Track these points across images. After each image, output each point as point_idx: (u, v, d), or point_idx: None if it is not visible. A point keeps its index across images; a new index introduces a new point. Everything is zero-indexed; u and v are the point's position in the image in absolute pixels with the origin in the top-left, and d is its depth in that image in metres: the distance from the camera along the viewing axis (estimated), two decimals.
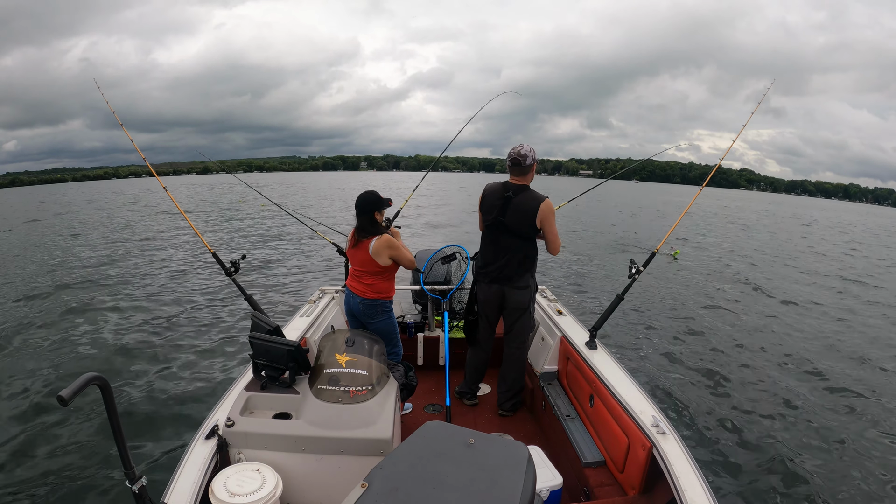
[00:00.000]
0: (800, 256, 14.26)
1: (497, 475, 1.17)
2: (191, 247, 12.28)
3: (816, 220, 34.93)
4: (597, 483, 2.13)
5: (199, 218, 19.29)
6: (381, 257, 2.70)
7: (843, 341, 6.38)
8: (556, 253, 2.83)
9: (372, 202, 2.72)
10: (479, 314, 3.04)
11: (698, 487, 1.65)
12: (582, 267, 10.63)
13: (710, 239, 16.84)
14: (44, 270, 9.97)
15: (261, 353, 2.13)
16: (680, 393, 4.52)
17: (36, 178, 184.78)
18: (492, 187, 2.86)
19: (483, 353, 3.10)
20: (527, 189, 2.77)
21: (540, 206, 2.69)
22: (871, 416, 4.28)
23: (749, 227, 23.18)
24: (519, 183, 2.78)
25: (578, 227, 18.20)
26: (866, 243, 20.11)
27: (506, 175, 2.87)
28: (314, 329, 3.02)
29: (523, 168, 2.75)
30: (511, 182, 2.79)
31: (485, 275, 2.93)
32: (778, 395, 4.59)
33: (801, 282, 10.26)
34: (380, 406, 2.02)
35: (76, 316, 6.65)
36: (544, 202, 2.71)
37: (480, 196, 2.92)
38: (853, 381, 5.03)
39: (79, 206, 29.35)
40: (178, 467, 1.74)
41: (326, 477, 1.93)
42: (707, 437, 3.79)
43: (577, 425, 2.52)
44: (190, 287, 8.26)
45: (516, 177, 2.79)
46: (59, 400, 1.08)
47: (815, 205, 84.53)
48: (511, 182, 2.79)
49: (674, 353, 5.56)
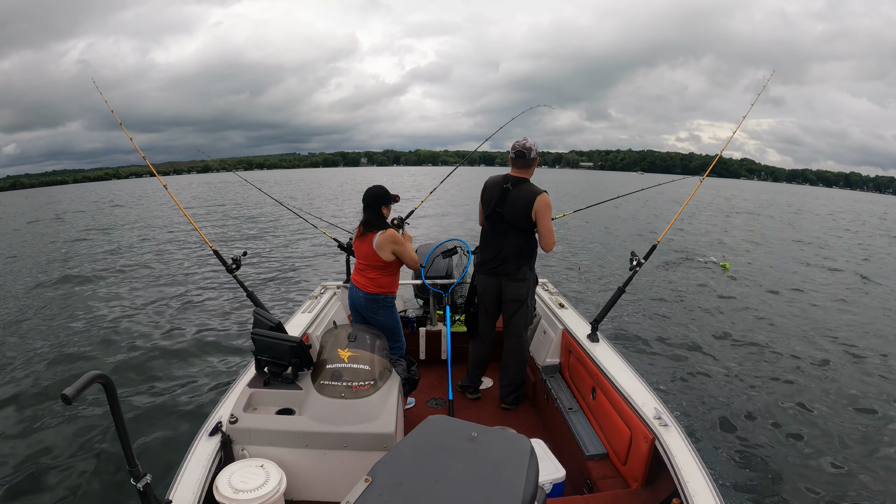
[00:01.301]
0: (806, 248, 14.23)
1: (500, 468, 1.17)
2: (192, 244, 12.29)
3: (837, 209, 34.58)
4: (599, 475, 2.14)
5: (199, 215, 19.29)
6: (384, 251, 2.70)
7: (852, 333, 6.34)
8: (550, 249, 2.82)
9: (379, 196, 2.75)
10: (478, 306, 3.05)
11: (701, 479, 1.66)
12: (583, 259, 10.62)
13: (701, 227, 16.81)
14: (46, 269, 9.99)
15: (263, 350, 2.14)
16: (682, 385, 4.53)
17: (37, 181, 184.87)
18: (492, 179, 2.88)
19: (484, 347, 3.10)
20: (526, 181, 2.77)
21: (536, 198, 2.69)
22: (877, 409, 4.27)
23: (745, 215, 23.13)
24: (519, 175, 2.79)
25: (579, 228, 18.18)
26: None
27: (506, 168, 2.87)
28: (316, 325, 3.03)
29: (527, 161, 2.77)
30: (511, 174, 2.81)
31: (483, 267, 2.94)
32: (781, 387, 4.59)
33: (799, 272, 10.25)
34: (382, 401, 2.03)
35: (79, 314, 6.67)
36: (540, 195, 2.71)
37: (482, 189, 2.92)
38: (860, 372, 5.03)
39: (83, 207, 29.35)
40: (182, 464, 1.75)
41: (330, 472, 1.94)
42: (709, 430, 3.80)
43: (579, 418, 2.52)
44: (192, 284, 8.28)
45: (518, 169, 2.80)
46: (64, 398, 1.08)
47: (817, 194, 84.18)
48: (511, 174, 2.81)
49: (676, 345, 5.56)
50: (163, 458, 3.29)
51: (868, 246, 15.46)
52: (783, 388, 4.55)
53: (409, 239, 2.95)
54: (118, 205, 28.39)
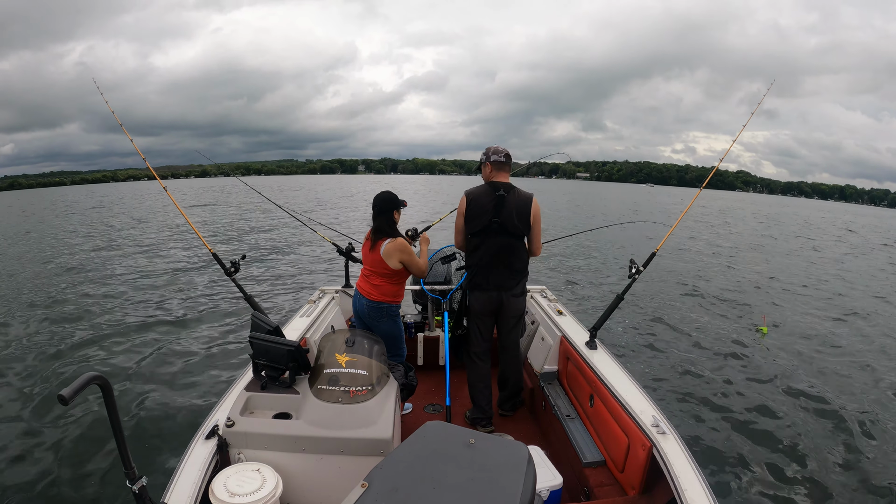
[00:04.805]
0: (800, 252, 14.26)
1: (497, 475, 1.17)
2: (191, 247, 12.28)
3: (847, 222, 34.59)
4: (597, 483, 2.13)
5: (198, 219, 19.28)
6: (391, 259, 2.70)
7: (853, 341, 6.35)
8: (539, 253, 2.81)
9: (390, 201, 2.76)
10: (469, 327, 2.90)
11: (698, 487, 1.65)
12: (582, 265, 10.63)
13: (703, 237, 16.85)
14: (45, 270, 9.97)
15: (261, 353, 2.13)
16: (680, 393, 4.52)
17: (34, 182, 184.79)
18: (478, 191, 2.72)
19: (484, 366, 2.92)
20: (515, 187, 2.72)
21: (532, 202, 2.69)
22: (877, 416, 4.26)
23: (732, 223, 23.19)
24: (506, 181, 2.72)
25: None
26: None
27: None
28: (314, 329, 3.02)
29: (509, 165, 2.74)
30: (499, 181, 2.71)
31: (480, 283, 2.77)
32: (780, 395, 4.59)
33: (799, 272, 10.26)
34: (380, 406, 2.02)
35: (76, 316, 6.65)
36: (534, 199, 2.71)
37: (463, 204, 2.73)
38: (859, 381, 5.03)
39: (83, 208, 29.32)
40: (178, 467, 1.74)
41: (326, 477, 1.93)
42: (707, 437, 3.79)
43: (577, 425, 2.52)
44: (190, 287, 8.27)
45: (502, 175, 2.73)
46: (60, 399, 1.08)
47: (814, 206, 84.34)
48: (499, 181, 2.71)
49: (674, 352, 5.55)
50: (159, 460, 3.28)
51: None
52: (782, 397, 4.54)
53: (426, 241, 2.97)
54: (117, 205, 28.39)
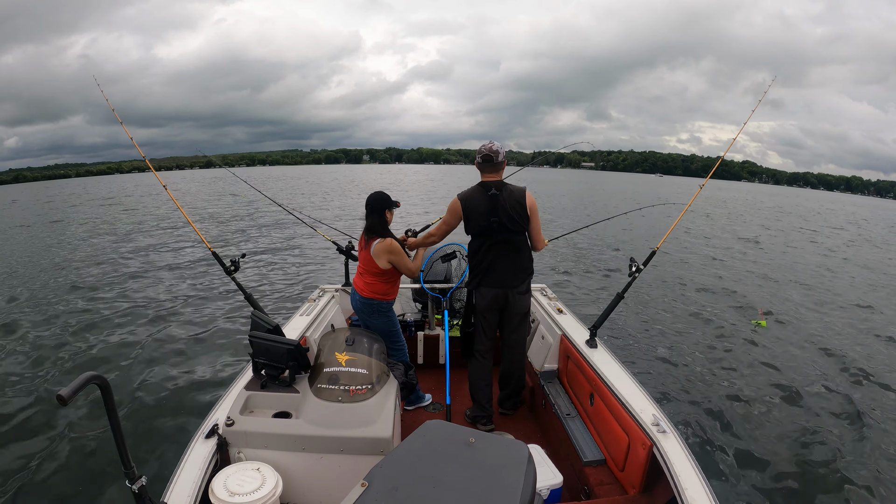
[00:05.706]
0: (804, 245, 14.25)
1: (497, 474, 1.16)
2: (191, 245, 12.27)
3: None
4: (597, 482, 2.13)
5: (198, 216, 19.27)
6: (380, 260, 2.74)
7: (855, 337, 6.34)
8: (542, 247, 2.81)
9: (382, 201, 2.81)
10: (475, 325, 2.91)
11: (698, 486, 1.65)
12: (582, 264, 10.62)
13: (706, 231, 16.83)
14: (43, 269, 9.95)
15: (261, 352, 2.13)
16: (680, 391, 4.52)
17: (39, 175, 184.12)
18: (469, 192, 2.72)
19: (486, 364, 2.92)
20: (506, 184, 2.72)
21: (525, 195, 2.68)
22: (877, 414, 4.26)
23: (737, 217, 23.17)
24: (497, 179, 2.72)
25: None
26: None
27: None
28: (314, 328, 3.02)
29: (495, 165, 2.71)
30: (489, 180, 2.70)
31: (485, 281, 2.77)
32: (782, 394, 4.58)
33: (799, 273, 10.25)
34: (380, 405, 2.02)
35: (75, 315, 6.64)
36: (527, 192, 2.70)
37: (457, 206, 2.72)
38: (860, 375, 5.03)
39: (83, 202, 29.30)
40: (177, 466, 1.74)
41: (326, 476, 1.93)
42: (708, 436, 3.78)
43: (577, 424, 2.52)
44: (190, 285, 8.25)
45: (490, 174, 2.72)
46: (59, 399, 1.08)
47: (821, 197, 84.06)
48: (489, 180, 2.70)
49: (674, 351, 5.55)
50: (158, 460, 3.28)
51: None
52: (784, 395, 4.53)
53: (423, 245, 3.03)
54: (116, 203, 28.36)
